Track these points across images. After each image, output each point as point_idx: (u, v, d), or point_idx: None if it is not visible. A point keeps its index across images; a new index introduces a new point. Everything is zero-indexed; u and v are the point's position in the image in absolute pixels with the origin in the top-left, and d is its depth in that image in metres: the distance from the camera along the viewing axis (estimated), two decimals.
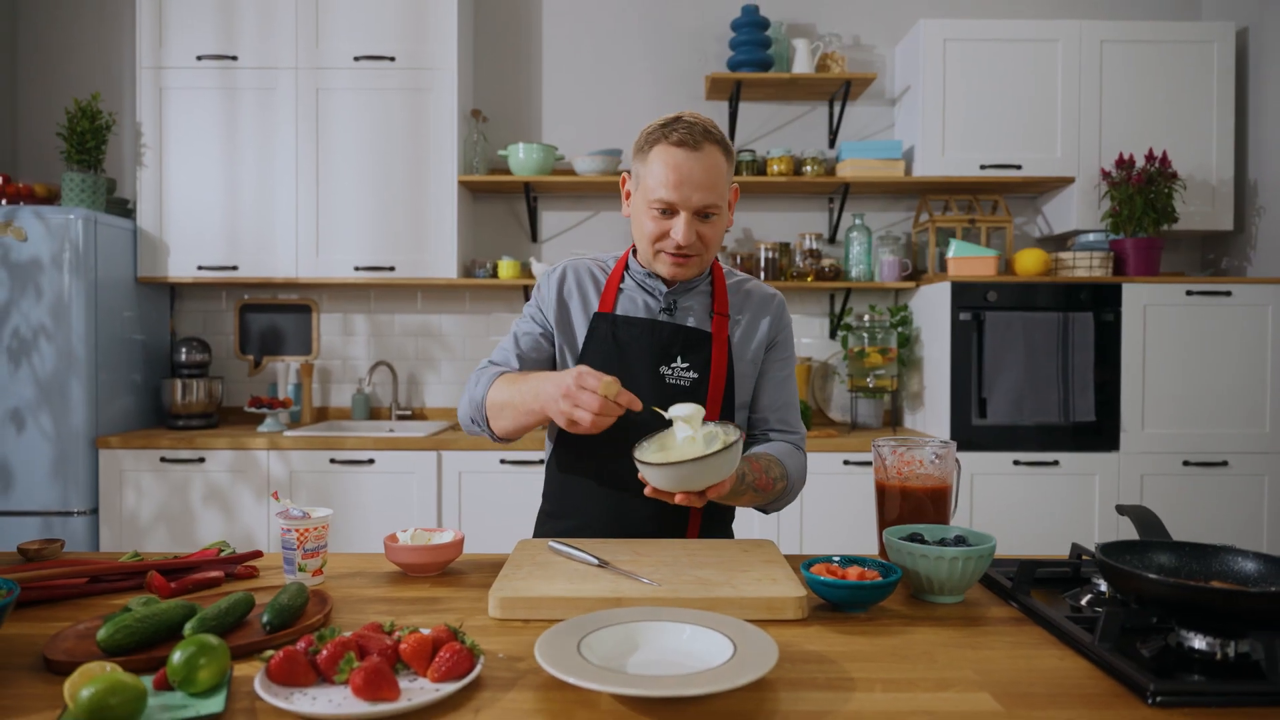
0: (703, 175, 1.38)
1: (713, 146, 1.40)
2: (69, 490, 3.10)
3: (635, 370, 1.47)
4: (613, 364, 1.47)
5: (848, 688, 0.88)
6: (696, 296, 1.54)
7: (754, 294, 1.59)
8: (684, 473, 1.16)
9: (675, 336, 1.49)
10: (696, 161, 1.38)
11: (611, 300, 1.53)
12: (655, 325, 1.50)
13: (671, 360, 1.48)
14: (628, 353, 1.48)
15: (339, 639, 0.89)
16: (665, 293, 1.52)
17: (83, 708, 0.76)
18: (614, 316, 1.51)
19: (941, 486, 1.31)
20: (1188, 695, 0.84)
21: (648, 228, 1.44)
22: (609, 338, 1.50)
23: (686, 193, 1.38)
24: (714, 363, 1.49)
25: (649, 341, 1.48)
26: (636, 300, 1.53)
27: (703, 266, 1.50)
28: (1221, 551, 1.04)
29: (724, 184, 1.43)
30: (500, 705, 0.84)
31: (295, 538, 1.22)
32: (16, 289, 3.08)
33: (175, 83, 3.35)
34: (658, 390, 1.46)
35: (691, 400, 1.41)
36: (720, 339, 1.51)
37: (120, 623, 0.95)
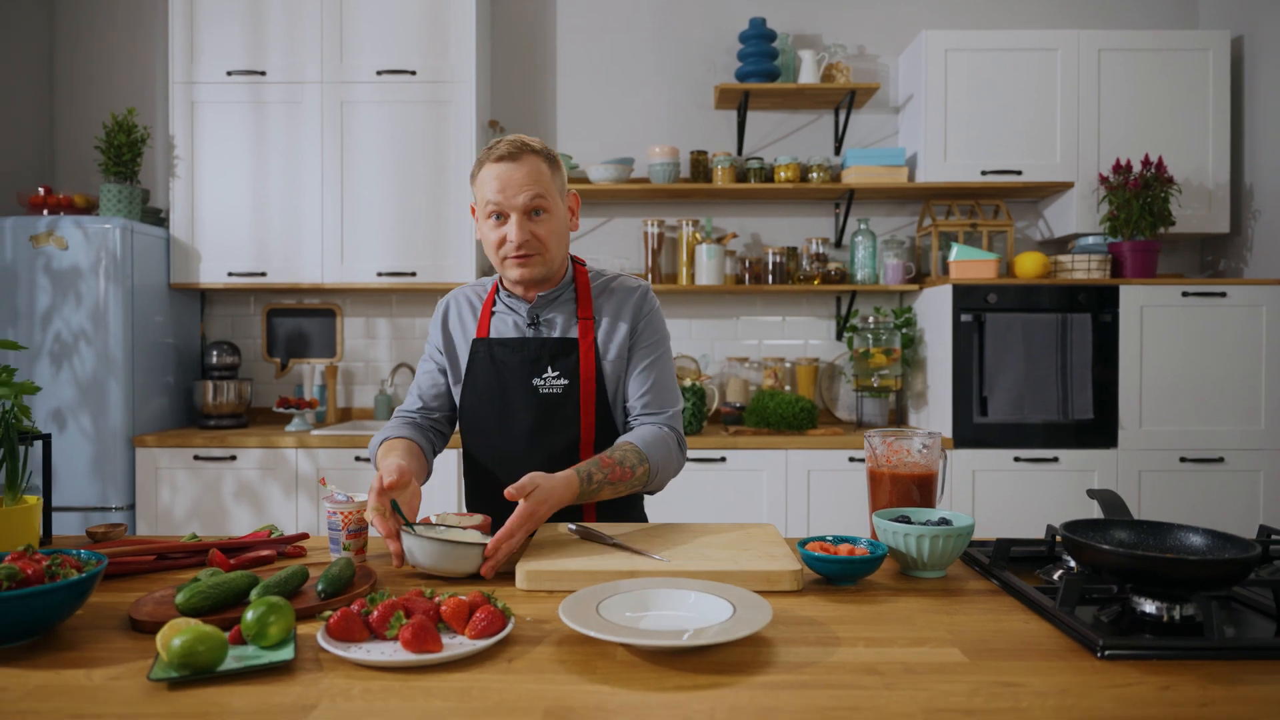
0: (523, 178, 1.52)
1: (532, 155, 1.54)
2: (107, 487, 3.25)
3: (511, 386, 1.60)
4: (492, 383, 1.61)
5: (834, 644, 1.01)
6: (560, 306, 1.64)
7: (617, 291, 1.67)
8: (436, 550, 1.24)
9: (543, 349, 1.60)
10: (516, 168, 1.52)
11: (486, 324, 1.65)
12: (524, 341, 1.61)
13: (542, 371, 1.59)
14: (503, 371, 1.60)
15: (388, 601, 1.02)
16: (529, 308, 1.63)
17: (175, 654, 0.89)
18: (489, 340, 1.63)
19: (928, 474, 1.42)
20: (1132, 649, 0.95)
21: (489, 238, 1.57)
22: (487, 360, 1.62)
23: (511, 195, 1.52)
24: (582, 367, 1.60)
25: (520, 357, 1.60)
26: (507, 320, 1.65)
27: (547, 265, 1.58)
28: (1175, 528, 1.15)
29: (549, 185, 1.55)
30: (530, 657, 0.97)
31: (340, 520, 1.35)
32: (58, 295, 3.23)
33: (206, 97, 3.51)
34: (534, 401, 1.59)
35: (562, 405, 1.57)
36: (586, 343, 1.61)
37: (195, 589, 1.08)
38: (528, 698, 0.86)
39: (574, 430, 1.60)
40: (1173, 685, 0.88)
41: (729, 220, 3.84)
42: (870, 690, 0.87)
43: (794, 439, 3.23)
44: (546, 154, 1.57)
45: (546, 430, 1.59)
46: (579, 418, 1.59)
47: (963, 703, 0.84)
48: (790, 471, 3.22)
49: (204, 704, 0.84)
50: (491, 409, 1.61)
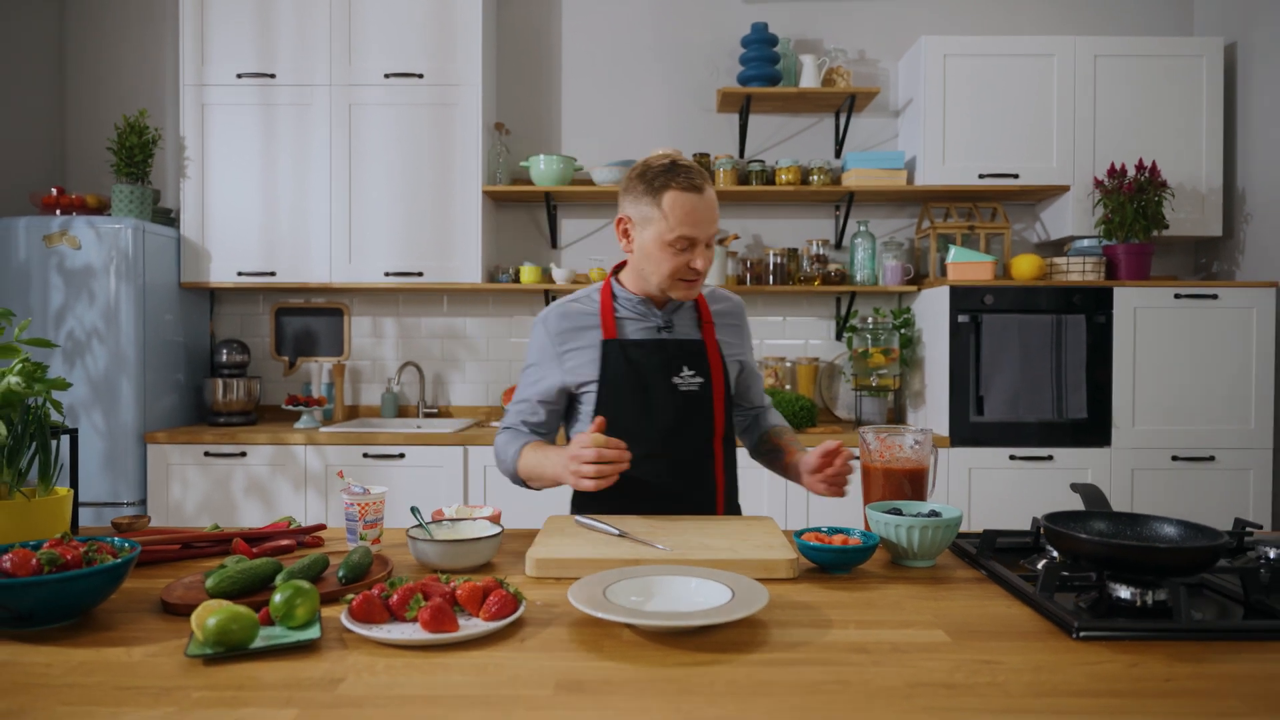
0: (707, 211, 1.62)
1: (709, 188, 1.65)
2: (119, 482, 3.31)
3: (651, 383, 1.69)
4: (631, 382, 1.69)
5: (826, 626, 1.07)
6: (684, 312, 1.77)
7: (723, 301, 1.83)
8: (447, 550, 1.31)
9: (679, 349, 1.71)
10: (703, 200, 1.62)
11: (613, 328, 1.72)
12: (660, 343, 1.72)
13: (679, 371, 1.70)
14: (640, 370, 1.70)
15: (407, 585, 1.08)
16: (661, 312, 1.74)
17: (210, 633, 0.96)
18: (622, 341, 1.71)
19: (920, 468, 1.48)
20: (1105, 631, 1.02)
21: (667, 264, 1.63)
22: (623, 360, 1.70)
23: (704, 228, 1.62)
24: (712, 366, 1.72)
25: (658, 358, 1.70)
26: (636, 324, 1.74)
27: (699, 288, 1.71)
28: (1150, 519, 1.21)
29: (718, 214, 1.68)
30: (540, 637, 1.03)
31: (357, 511, 1.42)
32: (71, 294, 3.30)
33: (217, 99, 3.57)
34: (673, 398, 1.69)
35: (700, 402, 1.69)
36: (711, 344, 1.74)
37: (223, 574, 1.14)
38: (540, 673, 0.92)
39: (710, 425, 1.71)
40: (1140, 663, 0.95)
41: (731, 222, 3.91)
42: (858, 667, 0.94)
43: None
44: (710, 181, 1.69)
45: (686, 425, 1.70)
46: (714, 413, 1.71)
47: (944, 678, 0.91)
48: None
49: (239, 678, 0.91)
50: (633, 407, 1.69)
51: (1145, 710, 0.84)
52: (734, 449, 1.81)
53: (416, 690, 0.88)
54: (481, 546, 1.33)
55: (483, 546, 1.33)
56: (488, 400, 3.92)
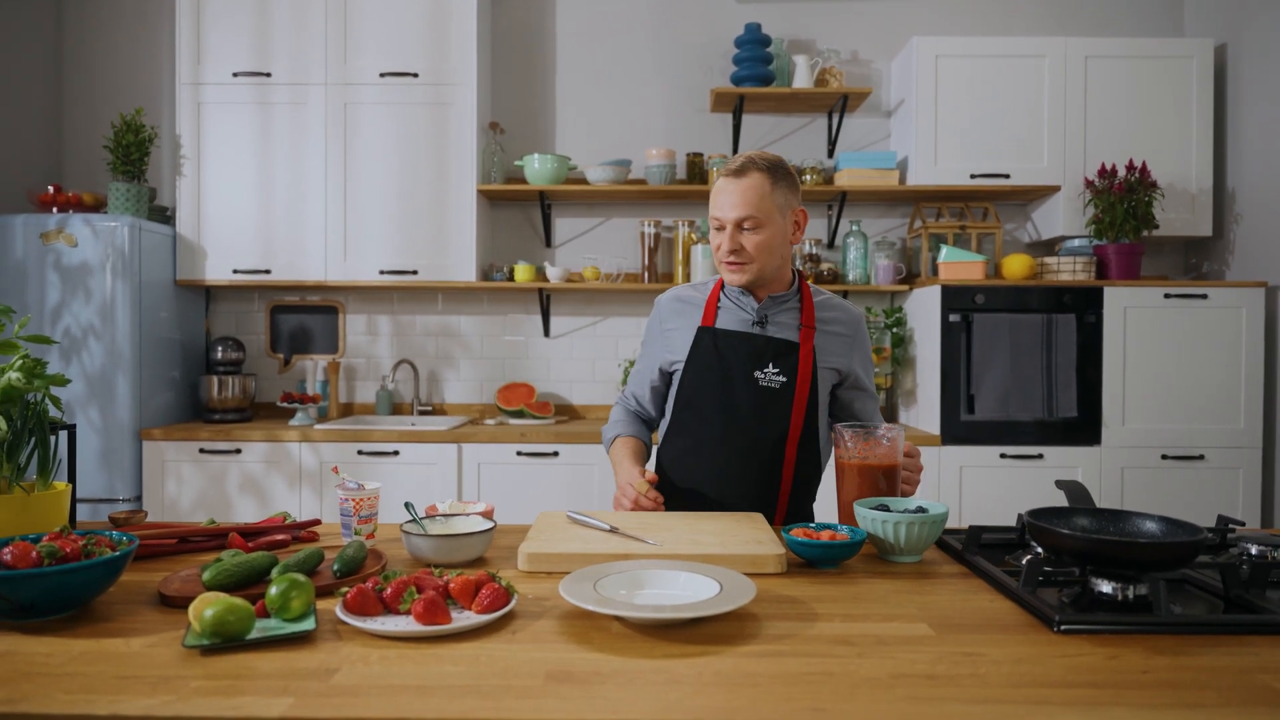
0: (740, 195, 1.68)
1: (757, 172, 1.69)
2: (114, 479, 3.33)
3: (734, 374, 1.74)
4: (715, 369, 1.75)
5: (812, 619, 1.09)
6: (786, 312, 1.79)
7: (839, 310, 1.84)
8: (440, 544, 1.33)
9: (767, 346, 1.74)
10: (737, 184, 1.68)
11: (712, 316, 1.80)
12: (750, 337, 1.75)
13: (764, 366, 1.74)
14: (726, 360, 1.75)
15: (400, 579, 1.10)
16: (757, 308, 1.77)
17: (207, 624, 0.97)
18: (715, 330, 1.77)
19: (892, 464, 1.50)
20: (1086, 624, 1.04)
21: (713, 242, 1.74)
22: (711, 348, 1.76)
23: (726, 210, 1.69)
24: (800, 368, 1.74)
25: (745, 350, 1.74)
26: (733, 315, 1.79)
27: (758, 273, 1.72)
28: (1132, 515, 1.24)
29: (765, 201, 1.68)
30: (531, 629, 1.05)
31: (352, 506, 1.44)
32: (68, 291, 3.31)
33: (213, 98, 3.58)
34: (752, 391, 1.73)
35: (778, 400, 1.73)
36: (806, 348, 1.75)
37: (220, 568, 1.16)
38: (531, 664, 0.94)
39: (785, 424, 1.73)
40: (1119, 655, 0.97)
41: None
42: (843, 658, 0.96)
43: None
44: (773, 170, 1.70)
45: (761, 420, 1.73)
46: (790, 413, 1.73)
47: (927, 669, 0.93)
48: None
49: (236, 668, 0.93)
50: (712, 393, 1.75)
51: (1122, 701, 0.86)
52: (815, 457, 1.79)
53: (409, 680, 0.90)
54: (474, 541, 1.34)
55: (475, 541, 1.35)
56: (481, 398, 3.93)
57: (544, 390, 3.92)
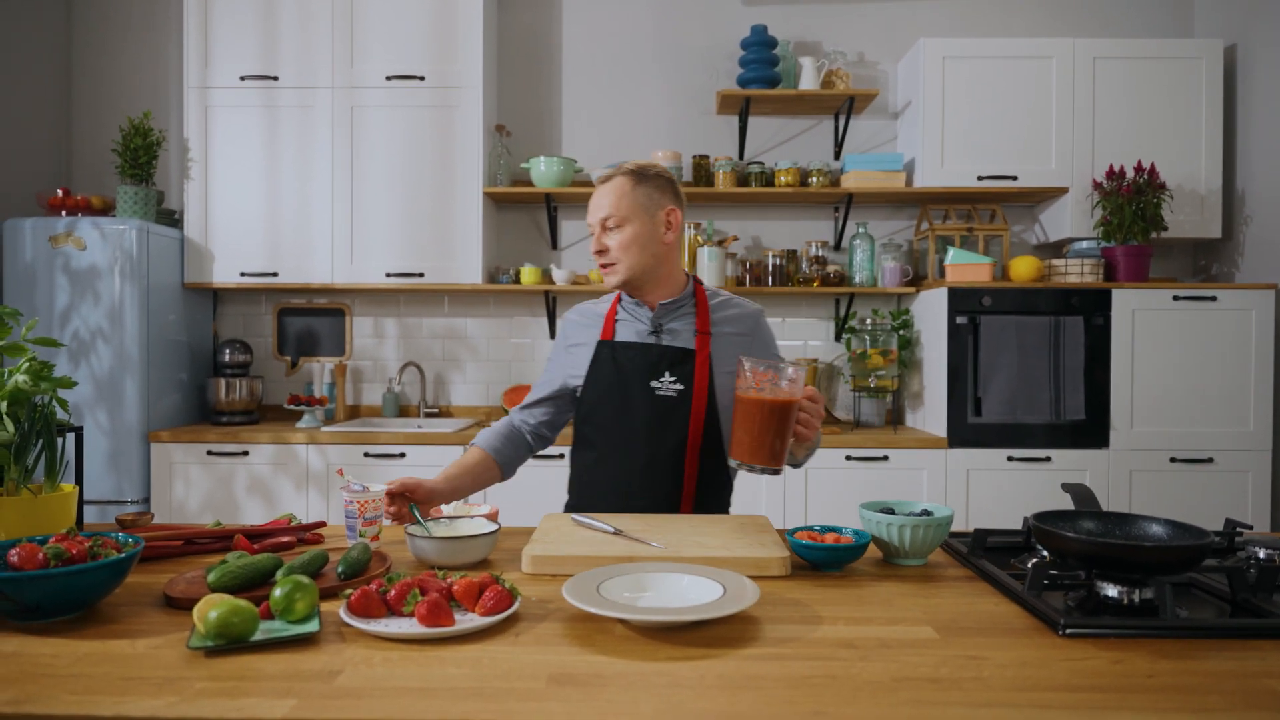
0: (602, 197, 1.73)
1: (620, 175, 1.74)
2: (123, 481, 3.34)
3: (632, 386, 1.74)
4: (613, 382, 1.75)
5: (816, 622, 1.09)
6: (682, 318, 1.78)
7: (734, 310, 1.83)
8: (444, 546, 1.34)
9: (663, 355, 1.74)
10: (604, 188, 1.74)
11: (610, 329, 1.81)
12: (646, 347, 1.76)
13: (660, 375, 1.73)
14: (624, 372, 1.75)
15: (404, 581, 1.10)
16: (651, 316, 1.77)
17: (212, 625, 0.98)
18: (613, 343, 1.78)
19: (789, 400, 1.43)
20: (1091, 628, 1.03)
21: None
22: (609, 361, 1.77)
23: (592, 212, 1.75)
24: (696, 375, 1.73)
25: (641, 361, 1.74)
26: (630, 327, 1.80)
27: (629, 272, 1.73)
28: (1139, 519, 1.23)
29: (624, 199, 1.71)
30: (535, 632, 1.05)
31: (357, 508, 1.44)
32: (76, 294, 3.33)
33: (220, 101, 3.60)
34: (651, 401, 1.72)
35: (675, 409, 1.70)
36: (702, 354, 1.74)
37: (225, 569, 1.16)
38: (533, 666, 0.94)
39: (683, 432, 1.72)
40: (1124, 659, 0.96)
41: (730, 223, 3.92)
42: (846, 661, 0.96)
43: None
44: (638, 175, 1.74)
45: (659, 429, 1.72)
46: (689, 421, 1.72)
47: (930, 672, 0.93)
48: (789, 469, 3.29)
49: (240, 669, 0.93)
50: (611, 405, 1.75)
51: (1126, 705, 0.85)
52: (721, 464, 1.77)
53: (412, 682, 0.90)
54: (478, 543, 1.35)
55: (479, 543, 1.35)
56: (488, 400, 3.94)
57: None
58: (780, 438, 1.42)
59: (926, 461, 3.29)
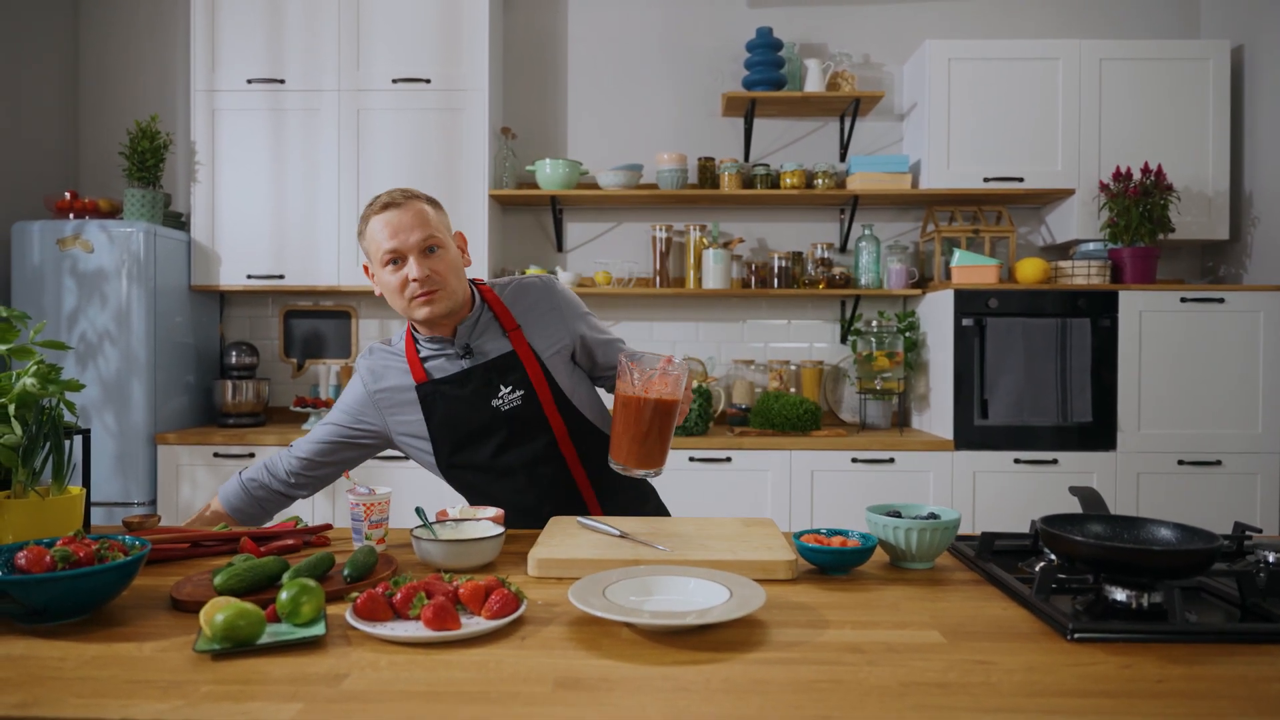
0: (411, 219, 1.58)
1: (414, 200, 1.61)
2: (130, 483, 3.35)
3: (473, 415, 1.66)
4: (454, 418, 1.66)
5: (823, 626, 1.08)
6: (483, 327, 1.69)
7: (527, 292, 1.74)
8: (451, 549, 1.33)
9: (488, 373, 1.66)
10: (403, 212, 1.59)
11: (420, 371, 1.68)
12: (467, 373, 1.66)
13: (496, 393, 1.66)
14: (460, 405, 1.66)
15: (410, 584, 1.10)
16: (454, 342, 1.67)
17: (218, 629, 0.98)
18: (433, 382, 1.67)
19: (674, 399, 1.43)
20: (1099, 632, 1.03)
21: (392, 283, 1.60)
22: (439, 398, 1.66)
23: (404, 236, 1.57)
24: (530, 374, 1.66)
25: (470, 389, 1.65)
26: (439, 363, 1.69)
27: (452, 298, 1.62)
28: (1147, 522, 1.22)
29: (436, 224, 1.61)
30: (540, 635, 1.05)
31: (363, 511, 1.44)
32: (84, 297, 3.34)
33: (227, 104, 3.61)
34: (501, 421, 1.66)
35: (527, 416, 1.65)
36: (523, 350, 1.67)
37: (231, 572, 1.16)
38: (539, 670, 0.94)
39: (547, 433, 1.67)
40: (1133, 664, 0.96)
41: (736, 225, 3.92)
42: (853, 666, 0.95)
43: (798, 440, 3.31)
44: (428, 199, 1.65)
45: (521, 441, 1.67)
46: (546, 419, 1.67)
47: (937, 677, 0.92)
48: (794, 472, 3.29)
49: (246, 673, 0.93)
50: (461, 439, 1.68)
51: (1135, 711, 0.85)
52: (602, 443, 1.68)
53: (418, 686, 0.90)
54: (484, 546, 1.35)
55: (485, 546, 1.35)
56: None
57: None
58: (660, 439, 1.40)
59: (933, 464, 3.28)
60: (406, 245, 1.58)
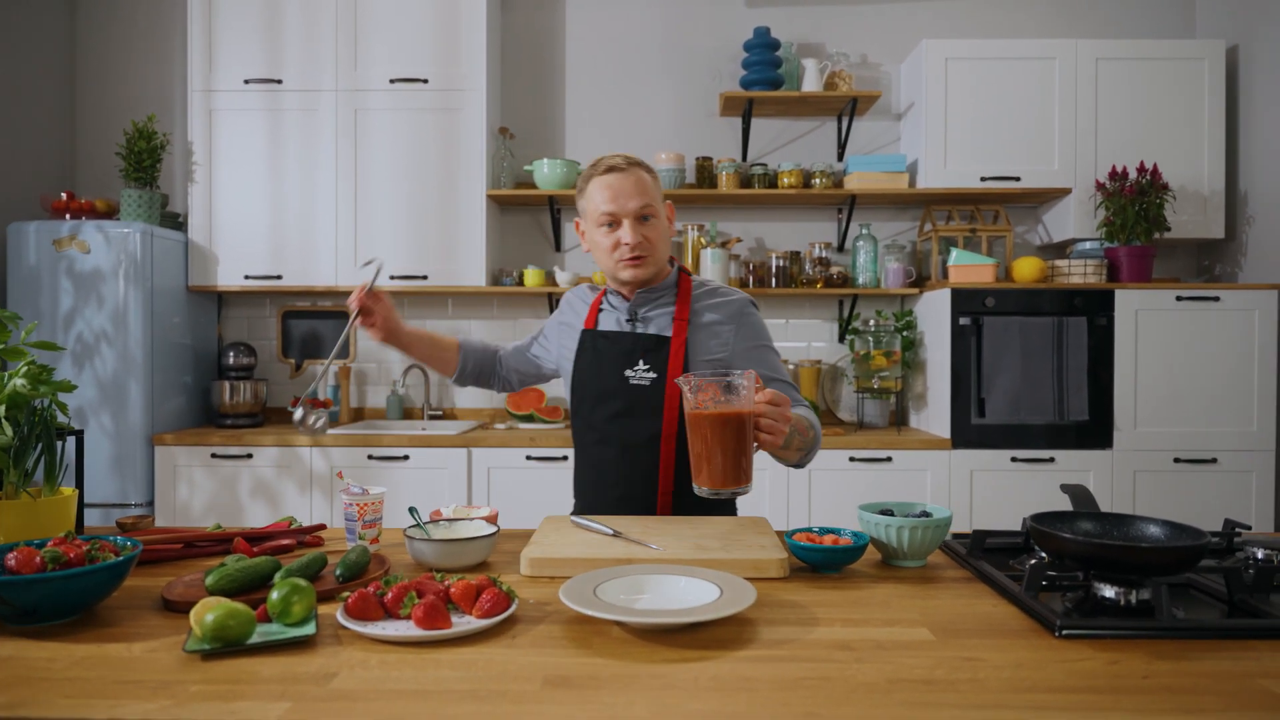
0: (633, 187, 1.67)
1: (637, 168, 1.70)
2: (127, 484, 3.35)
3: (607, 374, 1.74)
4: (593, 370, 1.76)
5: (813, 624, 1.09)
6: (659, 305, 1.77)
7: (719, 299, 1.78)
8: (443, 549, 1.33)
9: (636, 343, 1.73)
10: (626, 178, 1.68)
11: (593, 319, 1.82)
12: (621, 335, 1.75)
13: (634, 364, 1.72)
14: (602, 360, 1.75)
15: (401, 584, 1.10)
16: (629, 305, 1.77)
17: (208, 629, 0.98)
18: (594, 331, 1.79)
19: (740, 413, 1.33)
20: (1087, 629, 1.03)
21: (603, 243, 1.71)
22: (591, 349, 1.77)
23: (623, 202, 1.67)
24: (670, 363, 1.70)
25: (617, 350, 1.74)
26: (610, 315, 1.80)
27: (658, 265, 1.72)
28: (1136, 520, 1.23)
29: (654, 194, 1.70)
30: (531, 634, 1.05)
31: (356, 511, 1.44)
32: (80, 298, 3.34)
33: (224, 105, 3.61)
34: (624, 391, 1.72)
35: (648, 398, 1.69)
36: (677, 341, 1.71)
37: (223, 572, 1.17)
38: (529, 669, 0.94)
39: (657, 423, 1.69)
40: (1120, 660, 0.96)
41: (733, 225, 3.93)
42: (841, 663, 0.95)
43: None
44: (648, 168, 1.74)
45: (631, 418, 1.70)
46: (663, 410, 1.69)
47: (925, 674, 0.92)
48: (791, 471, 3.29)
49: (235, 673, 0.93)
50: (590, 394, 1.76)
51: (1121, 707, 0.85)
52: None
53: (407, 685, 0.90)
54: (476, 546, 1.35)
55: (478, 546, 1.35)
56: (491, 403, 3.94)
57: (554, 395, 3.92)
58: (738, 455, 1.33)
59: (930, 462, 3.28)
60: (624, 210, 1.67)
